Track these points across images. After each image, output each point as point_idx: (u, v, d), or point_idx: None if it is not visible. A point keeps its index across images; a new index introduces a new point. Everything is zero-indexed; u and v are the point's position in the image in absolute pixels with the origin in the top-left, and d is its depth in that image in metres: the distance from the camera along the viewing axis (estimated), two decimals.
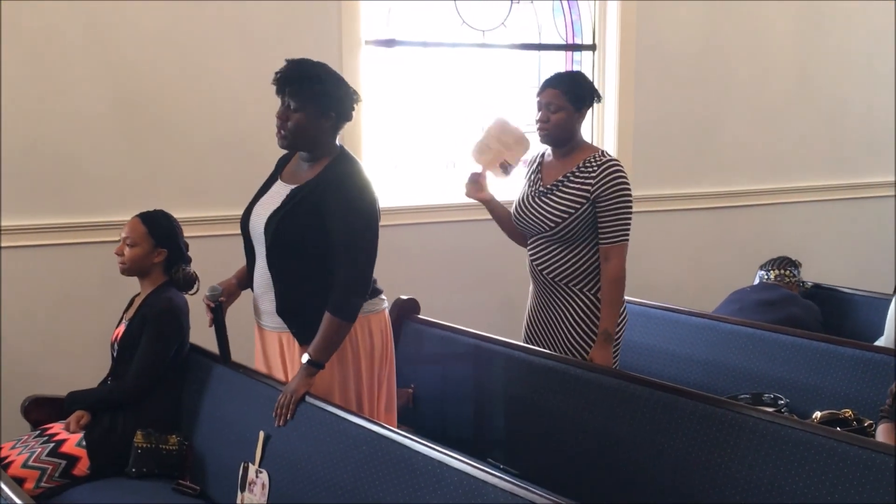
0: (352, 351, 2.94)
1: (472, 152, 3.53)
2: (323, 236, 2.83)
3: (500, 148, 3.49)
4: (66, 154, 4.00)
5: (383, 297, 3.07)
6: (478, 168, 3.52)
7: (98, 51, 4.00)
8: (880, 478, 2.35)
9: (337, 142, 2.96)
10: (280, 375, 3.02)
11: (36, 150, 3.94)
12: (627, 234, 3.32)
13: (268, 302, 2.96)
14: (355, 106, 2.96)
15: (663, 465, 2.81)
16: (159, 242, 3.27)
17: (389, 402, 3.12)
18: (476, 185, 3.53)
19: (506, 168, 3.51)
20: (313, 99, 2.84)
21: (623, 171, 3.33)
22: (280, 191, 2.96)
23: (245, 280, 3.09)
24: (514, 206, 3.52)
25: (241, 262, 3.09)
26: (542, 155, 3.52)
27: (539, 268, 3.43)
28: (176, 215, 3.38)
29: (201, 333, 3.20)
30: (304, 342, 2.92)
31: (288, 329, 2.95)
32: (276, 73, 2.86)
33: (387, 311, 3.10)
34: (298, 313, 2.92)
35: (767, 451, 2.59)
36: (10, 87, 3.86)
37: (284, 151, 3.06)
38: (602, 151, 3.39)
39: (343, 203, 2.83)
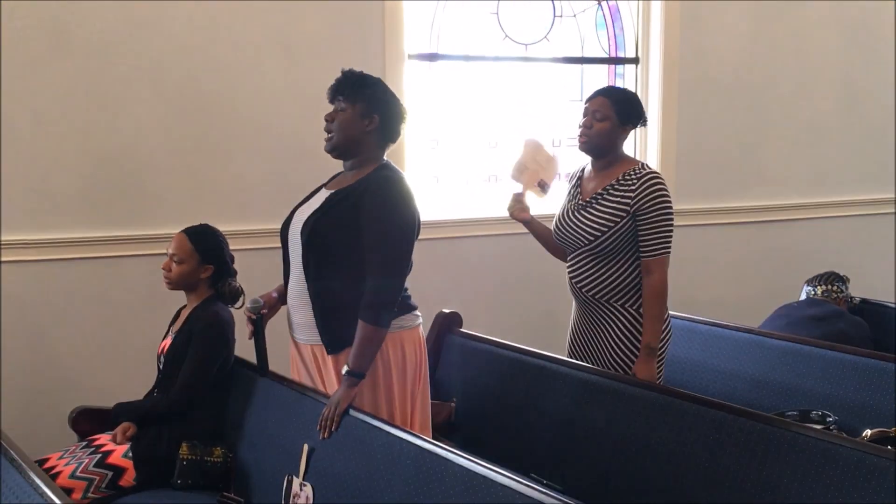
0: (383, 367, 2.93)
1: (511, 172, 3.57)
2: (358, 240, 2.84)
3: (535, 167, 3.53)
4: (115, 167, 4.06)
5: (417, 313, 3.06)
6: (518, 188, 3.54)
7: (146, 66, 4.07)
8: None
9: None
10: (319, 387, 3.03)
11: (84, 162, 4.01)
12: (669, 247, 3.30)
13: (301, 314, 2.98)
14: (403, 124, 2.99)
15: (708, 482, 2.77)
16: (205, 259, 3.30)
17: (424, 419, 3.11)
18: (520, 204, 3.54)
19: (543, 187, 3.56)
20: (360, 99, 2.91)
21: (663, 184, 3.30)
22: (320, 196, 3.00)
23: (284, 294, 3.10)
24: (554, 220, 3.51)
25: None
26: (583, 169, 3.51)
27: (578, 285, 3.41)
28: (221, 228, 3.41)
29: (246, 346, 3.22)
30: (333, 351, 2.93)
31: (319, 341, 2.95)
32: (332, 84, 2.95)
33: (420, 328, 3.08)
34: (331, 321, 2.92)
35: (817, 469, 2.54)
36: (66, 101, 3.94)
37: (324, 164, 3.08)
38: (642, 164, 3.38)
39: (381, 208, 2.84)
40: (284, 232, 3.04)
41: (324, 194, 2.99)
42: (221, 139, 4.25)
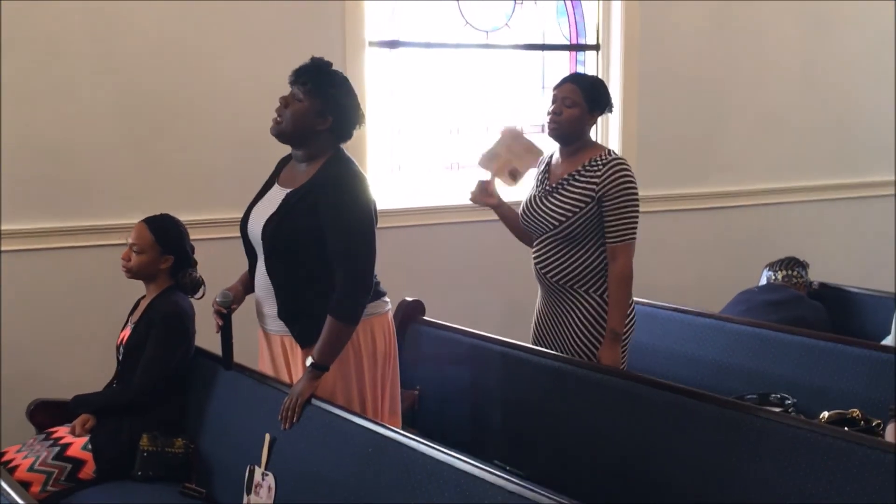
0: (354, 353, 2.93)
1: (480, 160, 3.55)
2: (320, 239, 2.82)
3: (509, 156, 3.51)
4: (70, 157, 4.00)
5: (386, 299, 3.06)
6: (486, 176, 3.53)
7: (102, 54, 4.01)
8: (888, 477, 2.34)
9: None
10: (285, 378, 3.02)
11: (39, 152, 3.94)
12: (635, 233, 3.32)
13: (269, 306, 2.96)
14: (357, 127, 2.96)
15: (670, 465, 2.80)
16: (166, 249, 3.26)
17: (393, 405, 3.11)
18: (484, 191, 3.53)
19: (514, 175, 3.52)
20: (319, 95, 2.86)
21: (629, 170, 3.32)
22: (276, 195, 2.95)
23: (249, 284, 3.08)
24: (521, 205, 3.52)
25: (247, 264, 3.08)
26: (551, 156, 3.52)
27: (543, 271, 3.43)
28: (181, 218, 3.38)
29: (208, 337, 3.20)
30: (305, 345, 2.92)
31: (290, 332, 2.94)
32: (299, 66, 2.90)
33: (390, 314, 3.09)
34: (299, 316, 2.91)
35: (775, 451, 2.57)
36: (13, 90, 3.86)
37: (283, 154, 3.06)
38: (609, 150, 3.39)
39: (339, 206, 2.82)
40: (244, 229, 3.02)
41: (279, 193, 2.94)
42: (180, 129, 4.20)
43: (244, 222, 3.01)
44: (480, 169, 3.55)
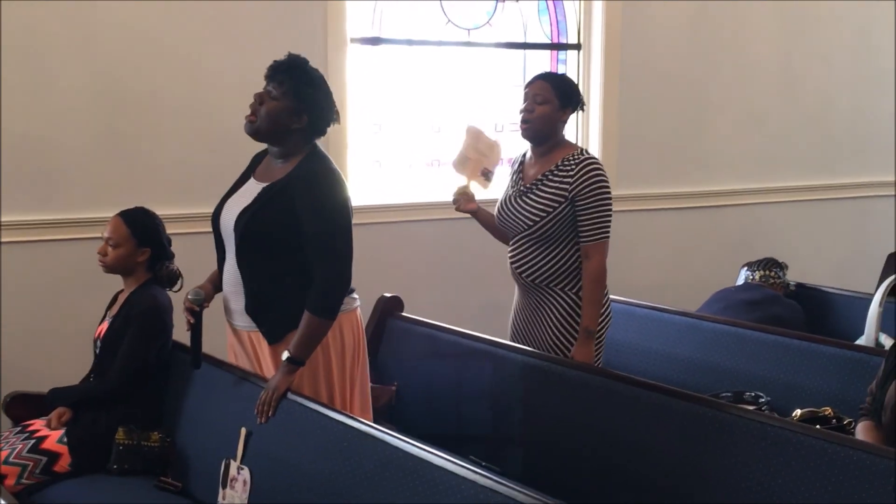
0: (322, 350, 2.92)
1: (453, 165, 3.59)
2: (293, 235, 2.82)
3: (477, 156, 3.55)
4: (46, 150, 3.99)
5: (355, 295, 3.05)
6: (462, 181, 3.56)
7: (83, 47, 3.99)
8: (859, 475, 2.37)
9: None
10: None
11: (14, 145, 3.92)
12: (608, 232, 3.33)
13: (237, 301, 2.96)
14: (332, 124, 2.96)
15: (645, 461, 2.82)
16: (142, 242, 3.26)
17: (364, 402, 3.11)
18: (465, 196, 3.56)
19: (487, 175, 3.58)
20: (294, 95, 2.84)
21: (601, 169, 3.33)
22: (252, 188, 2.95)
23: (219, 283, 3.07)
24: (497, 206, 3.53)
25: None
26: (524, 155, 3.53)
27: (518, 270, 3.44)
28: (158, 212, 3.37)
29: (184, 331, 3.19)
30: (272, 341, 2.92)
31: (257, 328, 2.95)
32: (274, 62, 2.88)
33: (358, 311, 3.08)
34: (267, 312, 2.91)
35: (748, 448, 2.60)
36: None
37: (258, 149, 3.06)
38: (581, 150, 3.40)
39: (315, 203, 2.82)
40: (216, 221, 3.01)
41: (255, 186, 2.94)
42: (159, 124, 4.19)
43: (216, 214, 3.00)
44: (457, 174, 3.58)
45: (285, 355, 2.83)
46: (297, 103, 2.85)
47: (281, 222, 2.83)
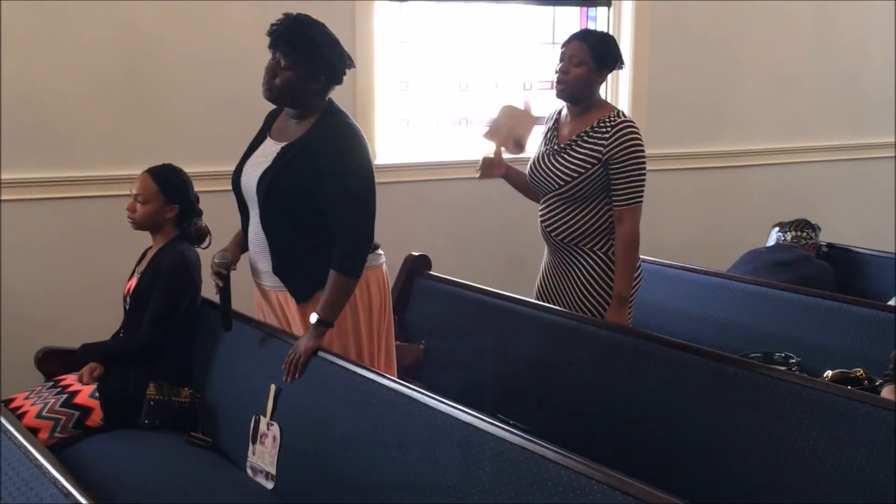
0: (350, 306, 2.92)
1: (485, 134, 3.52)
2: (316, 194, 2.81)
3: (511, 123, 3.48)
4: (71, 108, 3.99)
5: (381, 251, 3.05)
6: (490, 152, 3.51)
7: (104, 5, 3.97)
8: (890, 436, 2.35)
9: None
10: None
11: (41, 104, 3.93)
12: (641, 197, 3.29)
13: (264, 261, 2.96)
14: (347, 71, 2.91)
15: (674, 422, 2.81)
16: (170, 198, 3.26)
17: (389, 357, 3.12)
18: (490, 165, 3.51)
19: (519, 143, 3.50)
20: (304, 61, 2.80)
21: (637, 132, 3.28)
22: (270, 148, 2.93)
23: (243, 244, 3.07)
24: (529, 164, 3.50)
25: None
26: (560, 112, 3.48)
27: (548, 230, 3.41)
28: (185, 169, 3.36)
29: (213, 290, 3.20)
30: (300, 300, 2.93)
31: (285, 287, 2.95)
32: (272, 26, 2.82)
33: (384, 266, 3.08)
34: (294, 271, 2.91)
35: (778, 408, 2.58)
36: (13, 40, 3.84)
37: (273, 107, 3.04)
38: (618, 111, 3.34)
39: (337, 161, 2.80)
40: (237, 183, 3.00)
41: (273, 146, 2.92)
42: (184, 80, 4.17)
43: (236, 177, 2.99)
44: (485, 141, 3.53)
45: (314, 318, 2.83)
46: (309, 68, 2.81)
47: (302, 182, 2.82)
